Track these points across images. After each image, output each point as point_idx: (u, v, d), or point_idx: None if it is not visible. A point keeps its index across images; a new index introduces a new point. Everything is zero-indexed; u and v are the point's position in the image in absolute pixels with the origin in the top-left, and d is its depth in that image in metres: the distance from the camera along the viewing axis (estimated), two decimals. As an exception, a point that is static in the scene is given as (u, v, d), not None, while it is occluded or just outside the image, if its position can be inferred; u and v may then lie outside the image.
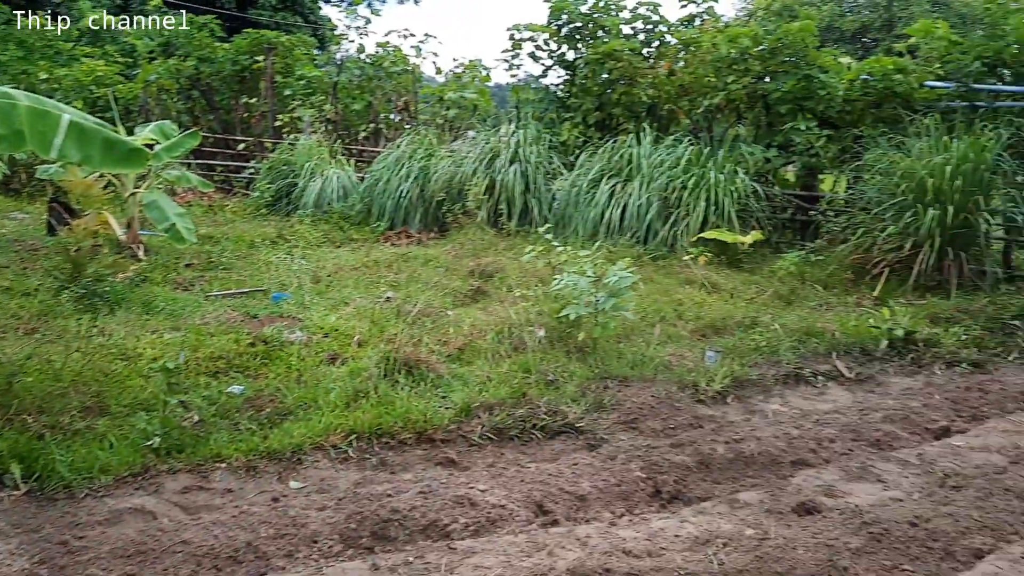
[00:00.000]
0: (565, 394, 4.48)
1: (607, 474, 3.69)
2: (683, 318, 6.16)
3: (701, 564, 2.91)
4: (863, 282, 7.34)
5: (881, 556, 3.02)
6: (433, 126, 11.03)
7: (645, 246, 8.22)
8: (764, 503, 3.49)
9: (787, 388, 5.09)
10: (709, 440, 4.07)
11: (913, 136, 7.66)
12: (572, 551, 3.01)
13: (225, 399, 4.28)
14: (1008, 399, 4.97)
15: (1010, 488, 3.64)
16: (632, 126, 9.44)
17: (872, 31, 23.30)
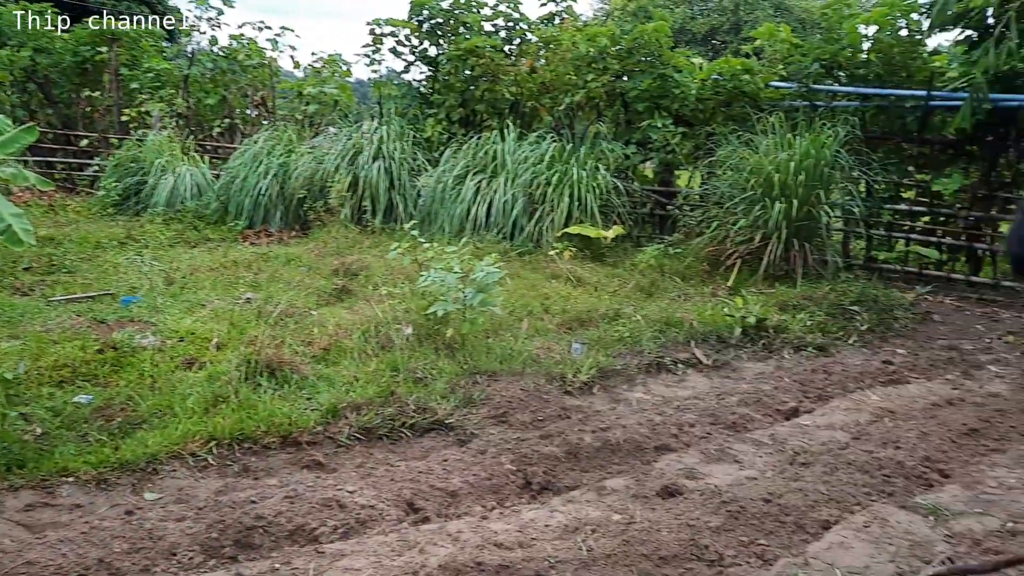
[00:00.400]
0: (434, 391, 4.46)
1: (478, 468, 3.70)
2: (550, 312, 6.25)
3: (571, 552, 2.95)
4: (718, 273, 7.67)
5: (739, 532, 3.16)
6: (292, 122, 10.73)
7: (512, 242, 8.30)
8: (630, 488, 3.58)
9: (649, 376, 5.25)
10: (577, 430, 4.14)
11: (760, 134, 8.07)
12: (444, 547, 3.00)
13: (71, 409, 4.01)
14: (849, 379, 5.31)
15: (852, 462, 3.89)
16: (496, 123, 9.51)
17: (721, 34, 24.39)
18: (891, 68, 8.58)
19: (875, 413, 4.71)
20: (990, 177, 8.08)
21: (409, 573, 2.77)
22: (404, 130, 9.55)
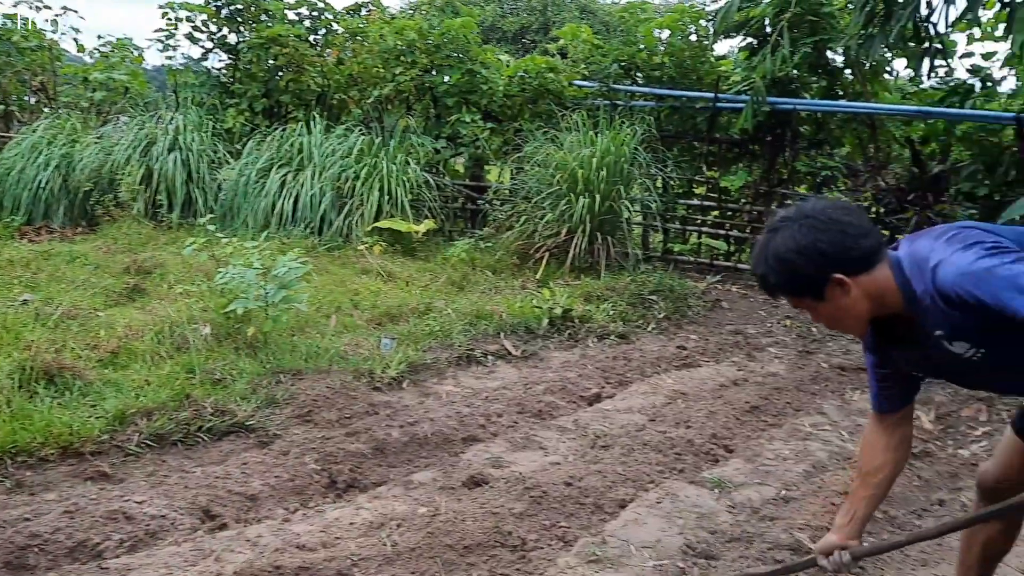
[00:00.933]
0: (234, 392, 4.27)
1: (280, 470, 3.58)
2: (359, 308, 6.16)
3: (375, 548, 2.92)
4: (527, 266, 7.84)
5: (541, 517, 3.25)
6: (77, 109, 9.93)
7: (320, 237, 8.10)
8: (437, 481, 3.59)
9: (460, 369, 5.28)
10: (384, 426, 4.10)
11: (565, 131, 8.32)
12: (241, 553, 2.88)
13: None
14: (647, 364, 5.59)
15: (647, 443, 4.10)
16: (302, 114, 9.24)
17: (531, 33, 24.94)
18: (683, 71, 9.11)
19: (669, 396, 4.99)
20: (770, 174, 8.76)
21: (202, 584, 2.64)
22: (203, 120, 9.08)
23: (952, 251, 1.82)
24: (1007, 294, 1.68)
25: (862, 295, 1.93)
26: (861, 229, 1.92)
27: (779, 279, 1.96)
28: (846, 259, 1.90)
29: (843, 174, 8.50)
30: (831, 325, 2.06)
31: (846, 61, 8.50)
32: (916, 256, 1.90)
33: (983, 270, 1.74)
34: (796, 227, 1.92)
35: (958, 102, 7.72)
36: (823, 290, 1.93)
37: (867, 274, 1.91)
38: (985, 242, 1.80)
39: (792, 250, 1.90)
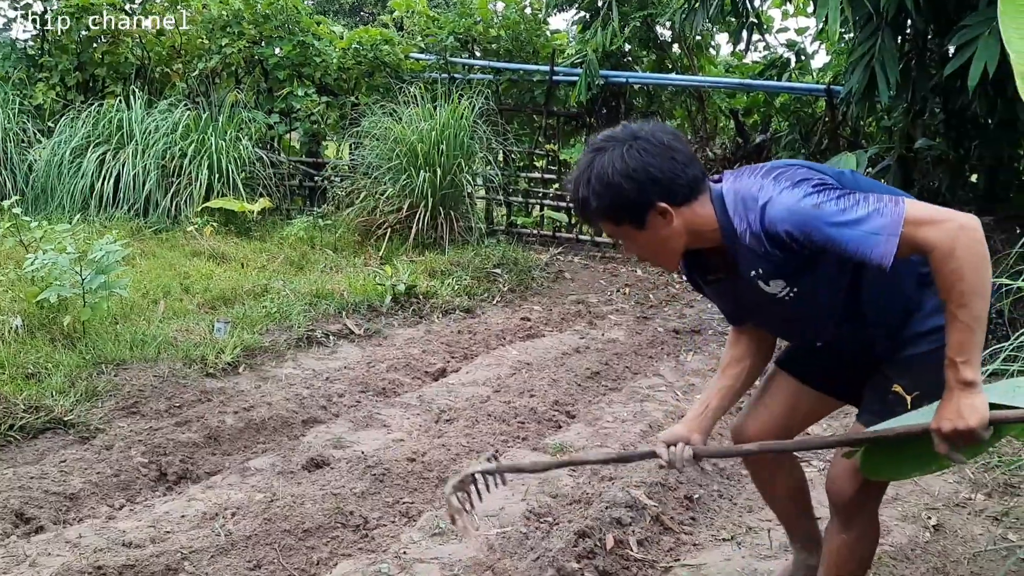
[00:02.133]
0: (50, 386, 3.96)
1: (103, 466, 3.36)
2: (190, 292, 5.86)
3: (208, 539, 2.79)
4: (369, 243, 7.70)
5: (384, 494, 3.21)
6: None
7: (145, 219, 7.64)
8: (276, 466, 3.48)
9: (300, 351, 5.14)
10: (218, 413, 3.93)
11: (404, 104, 8.20)
12: (59, 556, 2.68)
13: None
14: (492, 337, 5.63)
15: (492, 413, 4.13)
16: (120, 89, 8.65)
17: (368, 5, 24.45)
18: (519, 44, 9.16)
19: (514, 366, 5.04)
20: (606, 146, 8.97)
21: (13, 592, 2.44)
22: (8, 96, 8.34)
23: (780, 189, 1.79)
24: (835, 230, 1.70)
25: (682, 226, 1.88)
26: (688, 156, 1.87)
27: (601, 203, 1.85)
28: (673, 187, 1.84)
29: (674, 145, 8.82)
30: (646, 256, 2.01)
31: (673, 35, 8.81)
32: (741, 192, 1.85)
33: (811, 206, 1.74)
34: (624, 148, 1.82)
35: (776, 75, 8.17)
36: (645, 218, 1.86)
37: (688, 205, 1.87)
38: (811, 179, 1.80)
39: (619, 172, 1.81)
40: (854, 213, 1.70)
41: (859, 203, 1.71)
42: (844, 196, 1.74)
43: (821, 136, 7.82)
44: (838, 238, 1.71)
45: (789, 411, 2.26)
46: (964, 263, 1.64)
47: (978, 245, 1.65)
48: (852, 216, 1.70)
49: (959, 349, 1.70)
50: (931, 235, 1.66)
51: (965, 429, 1.69)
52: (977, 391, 1.71)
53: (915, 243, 1.67)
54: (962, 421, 1.69)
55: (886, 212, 1.69)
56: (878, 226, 1.68)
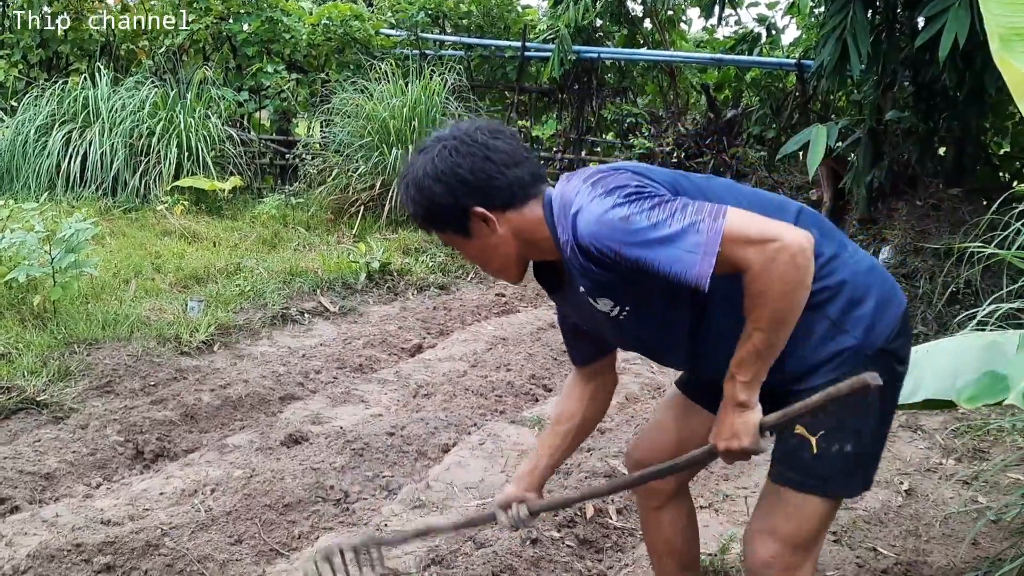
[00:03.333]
0: (21, 367, 3.90)
1: (78, 445, 3.33)
2: (162, 271, 5.79)
3: (187, 515, 2.79)
4: (342, 221, 7.65)
5: (364, 468, 3.21)
6: None
7: (114, 198, 7.51)
8: (254, 443, 3.47)
9: (275, 329, 5.11)
10: (194, 391, 3.90)
11: (375, 81, 8.12)
12: (36, 535, 2.67)
13: None
14: (467, 313, 5.64)
15: (469, 387, 4.14)
16: (85, 66, 8.49)
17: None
18: (490, 20, 9.11)
19: (490, 342, 5.06)
20: (579, 122, 8.98)
21: (-9, 571, 2.41)
22: (-33, 74, 8.15)
23: (592, 196, 1.59)
24: (644, 249, 1.51)
25: (510, 234, 1.71)
26: (511, 156, 1.68)
27: (418, 209, 1.72)
28: (489, 190, 1.67)
29: (647, 120, 8.84)
30: (481, 266, 1.82)
31: (645, 10, 8.80)
32: (564, 199, 1.67)
33: (619, 219, 1.53)
34: (438, 150, 1.67)
35: (747, 50, 8.19)
36: (467, 224, 1.69)
37: (516, 210, 1.69)
38: (627, 187, 1.58)
39: (430, 176, 1.66)
40: (666, 229, 1.50)
41: (673, 216, 1.51)
42: (659, 207, 1.53)
43: (792, 110, 7.87)
44: (649, 257, 1.51)
45: (685, 434, 2.01)
46: (773, 288, 1.49)
47: (794, 270, 1.48)
48: (664, 232, 1.50)
49: (741, 366, 1.59)
50: (749, 255, 1.48)
51: (739, 449, 1.64)
52: (750, 410, 1.62)
53: (733, 262, 1.49)
54: (736, 441, 1.63)
55: (703, 228, 1.48)
56: (693, 244, 1.48)
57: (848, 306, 1.67)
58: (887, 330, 1.70)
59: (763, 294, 1.50)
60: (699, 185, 1.73)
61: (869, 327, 1.68)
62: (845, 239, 1.80)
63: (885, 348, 1.69)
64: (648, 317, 1.73)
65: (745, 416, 1.62)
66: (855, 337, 1.66)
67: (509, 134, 1.72)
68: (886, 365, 1.67)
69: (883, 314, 1.69)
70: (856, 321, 1.67)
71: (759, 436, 1.63)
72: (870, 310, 1.68)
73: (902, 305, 1.75)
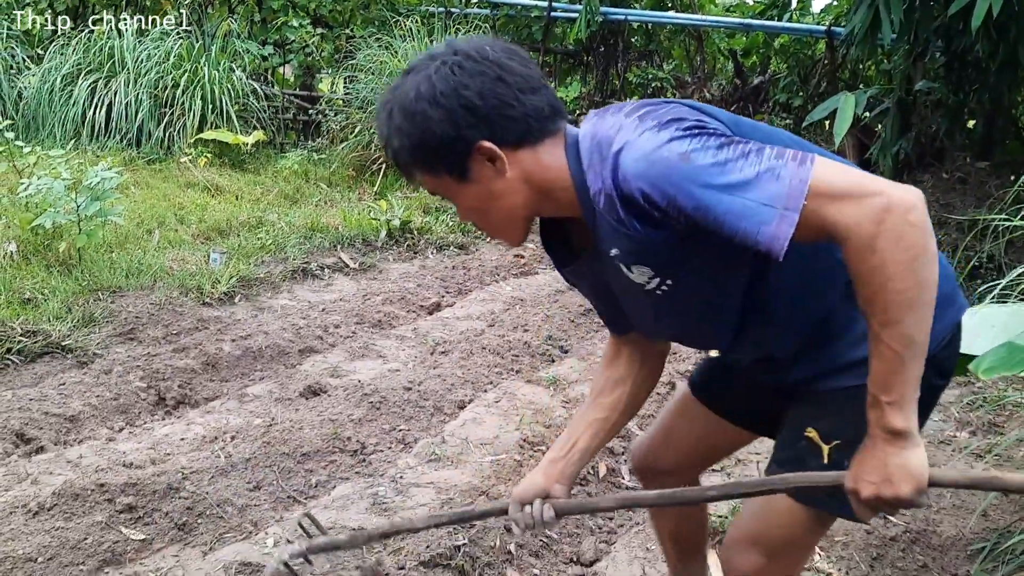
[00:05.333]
0: (46, 312, 3.97)
1: (102, 390, 3.39)
2: (184, 222, 5.84)
3: (208, 461, 2.84)
4: (364, 178, 7.67)
5: (381, 421, 3.26)
6: None
7: (138, 149, 7.56)
8: (273, 393, 3.52)
9: (295, 283, 5.15)
10: (215, 340, 3.96)
11: (399, 38, 8.08)
12: (61, 475, 2.73)
13: None
14: (486, 274, 5.65)
15: (486, 346, 4.17)
16: (111, 16, 8.49)
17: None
18: (518, -22, 9.01)
19: (508, 302, 5.08)
20: (603, 85, 8.90)
21: (18, 506, 2.48)
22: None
23: (642, 130, 1.23)
24: (708, 194, 1.17)
25: (521, 179, 1.34)
26: (528, 80, 1.32)
27: (404, 142, 1.33)
28: (500, 120, 1.30)
29: (672, 85, 8.75)
30: (477, 220, 1.43)
31: (674, -28, 8.68)
32: (599, 136, 1.29)
33: (678, 155, 1.19)
34: (436, 67, 1.30)
35: (776, 15, 8.07)
36: (467, 164, 1.32)
37: (530, 149, 1.33)
38: (686, 119, 1.24)
39: (425, 98, 1.29)
40: (737, 172, 1.16)
41: (747, 156, 1.18)
42: (728, 146, 1.19)
43: (820, 78, 7.77)
44: (712, 206, 1.17)
45: (698, 443, 1.79)
46: (891, 260, 1.12)
47: (915, 233, 1.13)
48: (735, 176, 1.16)
49: (883, 384, 1.20)
50: (846, 215, 1.13)
51: (892, 497, 1.23)
52: (910, 444, 1.22)
53: (823, 225, 1.15)
54: (889, 487, 1.22)
55: (785, 175, 1.15)
56: (771, 194, 1.15)
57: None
58: (941, 335, 1.40)
59: (879, 272, 1.13)
60: (756, 128, 1.39)
61: None
62: None
63: (935, 355, 1.32)
64: (692, 295, 1.39)
65: (906, 455, 1.21)
66: None
67: (524, 55, 1.36)
68: (930, 373, 1.31)
69: (941, 316, 1.31)
70: None
71: (926, 484, 1.22)
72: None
73: (962, 309, 1.48)
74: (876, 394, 1.22)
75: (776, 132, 1.44)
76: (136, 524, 2.46)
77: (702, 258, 1.32)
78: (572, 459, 1.63)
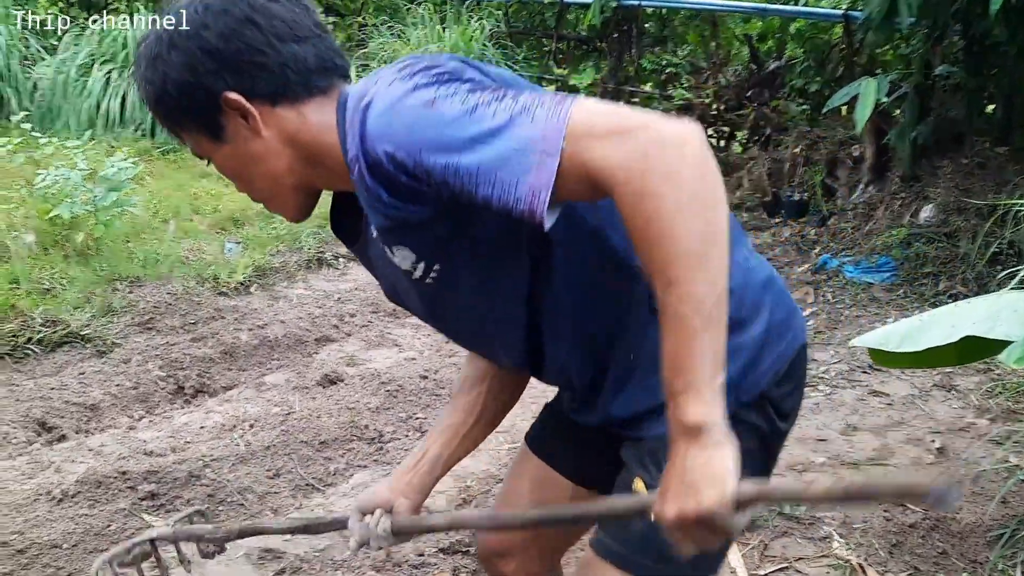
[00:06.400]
0: (65, 302, 4.00)
1: (121, 379, 3.42)
2: (200, 212, 5.87)
3: (227, 448, 2.87)
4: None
5: (397, 410, 3.27)
6: None
7: (153, 139, 7.59)
8: (291, 382, 3.54)
9: (310, 272, 5.17)
10: (232, 330, 3.98)
11: (411, 26, 8.06)
12: (83, 463, 2.76)
13: None
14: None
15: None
16: (125, 6, 8.51)
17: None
18: (530, -35, 8.96)
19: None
20: (617, 72, 8.85)
21: (42, 494, 2.51)
22: (8, 12, 8.19)
23: (391, 80, 1.02)
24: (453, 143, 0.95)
25: (281, 141, 1.13)
26: (289, 27, 1.11)
27: (147, 91, 1.14)
28: (248, 68, 1.09)
29: (687, 71, 8.69)
30: (242, 188, 1.21)
31: (689, -43, 8.59)
32: (359, 92, 1.05)
33: (421, 104, 0.97)
34: (195, 7, 1.10)
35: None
36: (217, 119, 1.11)
37: (291, 106, 1.12)
38: (440, 67, 1.02)
39: (164, 41, 1.10)
40: (490, 118, 0.95)
41: (502, 100, 0.96)
42: (481, 90, 0.98)
43: (837, 63, 7.69)
44: (462, 162, 0.95)
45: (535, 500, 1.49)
46: (665, 204, 0.89)
47: (692, 171, 0.90)
48: (487, 123, 0.94)
49: (673, 365, 0.94)
50: (609, 156, 0.90)
51: (696, 513, 0.92)
52: (712, 440, 0.93)
53: (586, 171, 0.92)
54: (692, 498, 0.92)
55: (540, 115, 0.94)
56: (524, 139, 0.93)
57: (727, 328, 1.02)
58: (774, 369, 1.20)
59: (653, 219, 0.90)
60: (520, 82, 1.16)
61: (751, 361, 1.17)
62: (743, 233, 1.25)
63: (767, 395, 1.19)
64: (464, 289, 1.18)
65: (709, 454, 0.93)
66: (729, 372, 1.01)
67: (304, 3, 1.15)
68: (764, 416, 1.19)
69: (773, 346, 1.19)
70: (732, 352, 1.05)
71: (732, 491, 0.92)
72: (756, 337, 1.18)
73: (799, 339, 1.25)
74: (668, 380, 0.95)
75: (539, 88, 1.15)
76: (158, 511, 2.49)
77: (469, 241, 1.10)
78: (422, 469, 1.43)
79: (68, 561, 2.24)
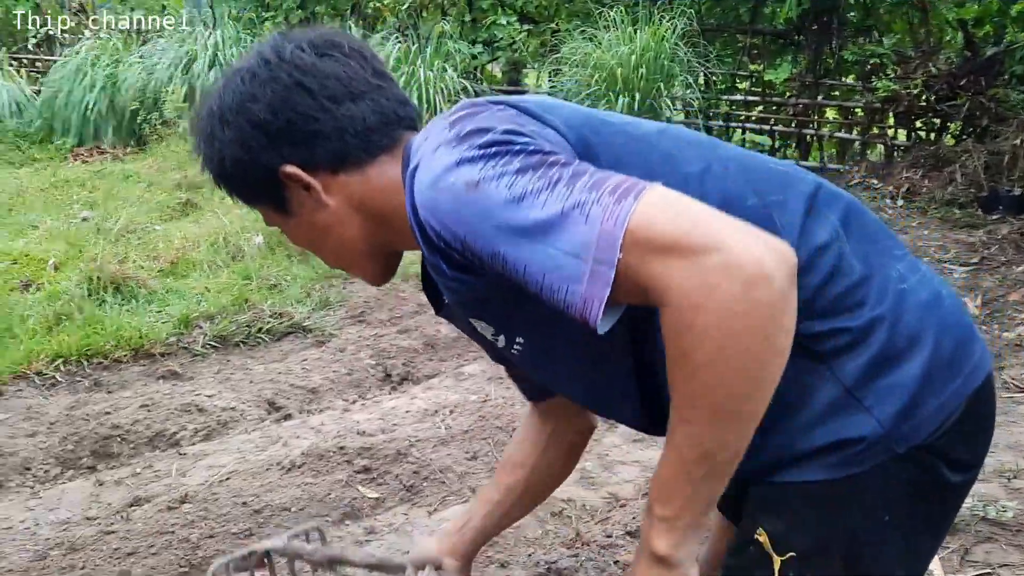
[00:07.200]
0: (289, 296, 4.45)
1: (338, 366, 3.77)
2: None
3: (430, 431, 3.10)
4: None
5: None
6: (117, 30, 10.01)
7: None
8: (486, 372, 3.75)
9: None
10: (434, 324, 4.25)
11: (603, 29, 8.17)
12: (307, 439, 3.08)
13: None
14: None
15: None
16: (337, 24, 9.21)
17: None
18: (724, -40, 8.83)
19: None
20: (816, 65, 8.54)
21: (273, 464, 2.84)
22: (240, 35, 9.10)
23: (438, 143, 0.93)
24: (499, 235, 0.86)
25: (348, 208, 1.07)
26: (344, 84, 1.04)
27: (208, 169, 1.11)
28: (303, 138, 1.03)
29: (893, 61, 8.25)
30: (319, 257, 1.19)
31: (895, -59, 8.16)
32: (414, 147, 1.00)
33: (464, 184, 0.88)
34: (241, 77, 1.04)
35: (1014, -21, 7.39)
36: (281, 194, 1.07)
37: (355, 171, 1.06)
38: (490, 131, 0.91)
39: (216, 116, 1.06)
40: (538, 208, 0.84)
41: (554, 187, 0.84)
42: (532, 170, 0.86)
43: (1066, 46, 7.05)
44: (508, 255, 0.86)
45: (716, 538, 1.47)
46: (710, 346, 0.78)
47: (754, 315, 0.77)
48: (534, 215, 0.84)
49: (662, 492, 0.89)
50: (669, 273, 0.78)
51: None
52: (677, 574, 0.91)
53: (642, 284, 0.80)
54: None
55: (596, 214, 0.81)
56: (578, 241, 0.81)
57: (876, 365, 0.95)
58: (941, 416, 0.98)
59: (690, 355, 0.80)
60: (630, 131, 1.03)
61: (908, 407, 0.96)
62: (898, 245, 1.06)
63: (930, 446, 0.98)
64: (556, 356, 1.09)
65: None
66: (878, 421, 0.94)
67: (351, 48, 1.07)
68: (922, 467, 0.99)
69: (939, 386, 0.98)
70: (884, 394, 0.95)
71: None
72: (915, 376, 0.97)
73: (977, 375, 1.02)
74: (653, 499, 0.90)
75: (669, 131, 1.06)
76: (371, 484, 2.75)
77: (542, 313, 0.92)
78: (465, 537, 1.43)
79: (295, 522, 2.52)
